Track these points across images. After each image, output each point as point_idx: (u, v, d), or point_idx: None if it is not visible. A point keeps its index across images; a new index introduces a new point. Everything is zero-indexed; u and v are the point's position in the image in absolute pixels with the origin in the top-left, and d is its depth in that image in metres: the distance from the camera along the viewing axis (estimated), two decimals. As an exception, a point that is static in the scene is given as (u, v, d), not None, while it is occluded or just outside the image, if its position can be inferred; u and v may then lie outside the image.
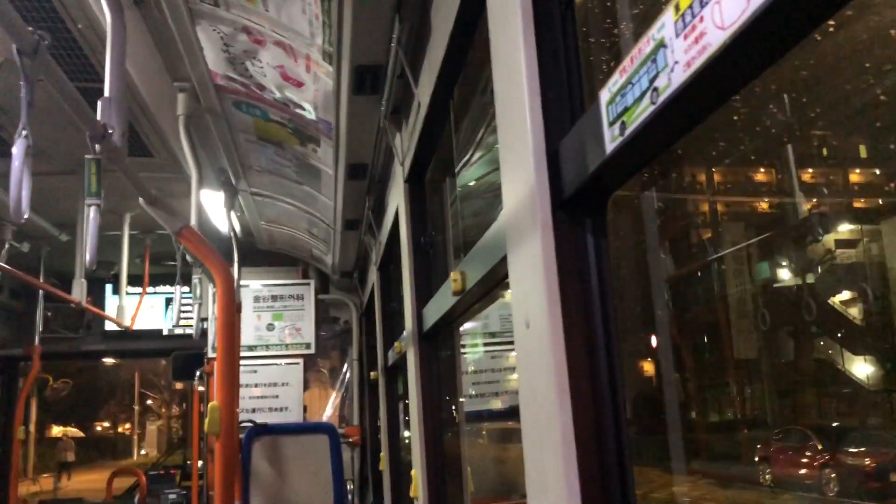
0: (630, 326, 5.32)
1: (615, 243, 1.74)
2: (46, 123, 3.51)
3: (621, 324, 1.20)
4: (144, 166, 4.13)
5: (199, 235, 3.22)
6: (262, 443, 5.28)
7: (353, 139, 3.35)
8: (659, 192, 6.83)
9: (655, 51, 0.86)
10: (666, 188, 7.59)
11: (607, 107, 0.99)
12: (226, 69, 3.26)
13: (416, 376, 2.94)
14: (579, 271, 1.16)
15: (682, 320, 8.93)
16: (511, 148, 1.34)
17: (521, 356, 1.31)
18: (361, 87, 2.81)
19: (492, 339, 3.51)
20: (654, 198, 5.78)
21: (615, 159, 0.99)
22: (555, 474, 1.13)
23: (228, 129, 3.92)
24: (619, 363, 1.14)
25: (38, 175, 4.04)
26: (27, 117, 1.62)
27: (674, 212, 8.30)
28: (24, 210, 1.60)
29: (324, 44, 2.69)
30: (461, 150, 2.61)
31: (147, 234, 5.84)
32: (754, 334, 8.44)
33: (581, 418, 1.12)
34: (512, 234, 1.35)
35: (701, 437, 9.37)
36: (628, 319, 5.13)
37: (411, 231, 3.06)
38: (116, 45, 2.21)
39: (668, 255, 7.86)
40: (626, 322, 4.83)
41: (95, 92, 2.24)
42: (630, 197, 3.83)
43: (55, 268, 6.04)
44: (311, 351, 6.82)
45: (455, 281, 2.01)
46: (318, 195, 4.67)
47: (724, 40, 0.72)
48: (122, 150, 2.14)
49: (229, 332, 3.37)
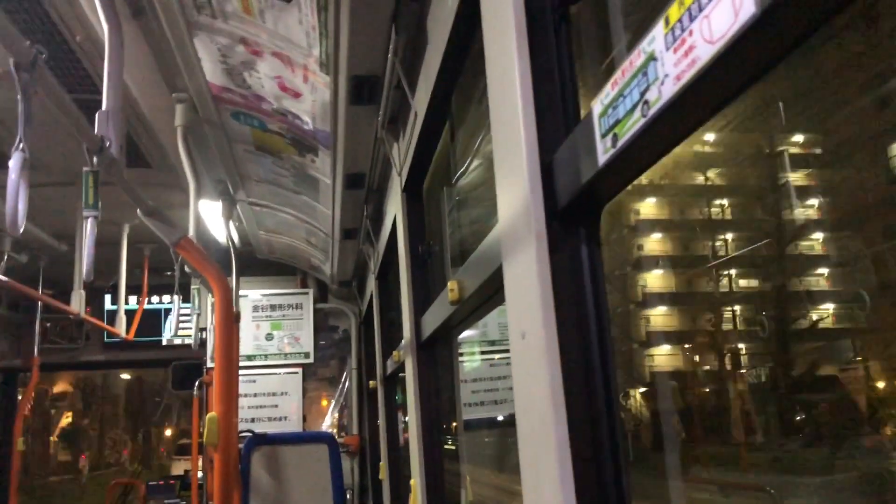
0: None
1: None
2: (44, 135, 3.52)
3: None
4: (142, 177, 4.14)
5: (197, 246, 3.23)
6: (262, 452, 5.28)
7: (350, 149, 3.36)
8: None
9: (646, 64, 0.87)
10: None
11: (599, 119, 1.00)
12: (223, 80, 3.27)
13: (414, 385, 2.94)
14: (574, 281, 1.16)
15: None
16: (506, 159, 1.34)
17: (516, 366, 1.31)
18: (358, 98, 2.83)
19: (490, 347, 3.51)
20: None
21: (608, 171, 1.00)
22: (551, 485, 1.13)
23: (226, 139, 3.93)
24: (614, 373, 1.15)
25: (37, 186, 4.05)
26: (24, 130, 1.63)
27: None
28: (20, 222, 1.61)
29: (321, 55, 2.71)
30: (458, 159, 2.62)
31: (146, 245, 5.85)
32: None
33: (577, 428, 1.12)
34: (507, 245, 1.36)
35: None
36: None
37: (409, 240, 3.07)
38: (114, 58, 2.22)
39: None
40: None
41: (93, 104, 2.25)
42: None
43: (54, 279, 6.04)
44: (310, 360, 6.81)
45: (452, 290, 2.02)
46: (317, 205, 4.68)
47: (713, 54, 0.72)
48: (120, 163, 2.14)
49: (228, 342, 3.37)
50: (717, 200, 8.16)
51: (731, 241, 8.48)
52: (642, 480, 2.91)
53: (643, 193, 11.96)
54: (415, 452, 2.92)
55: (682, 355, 11.47)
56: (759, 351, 7.17)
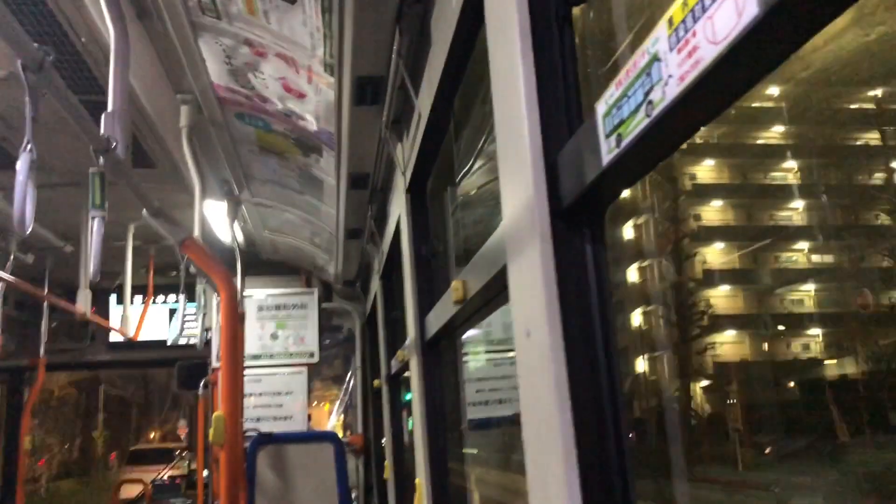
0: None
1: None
2: (51, 136, 3.54)
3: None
4: (148, 178, 4.15)
5: (202, 246, 3.24)
6: (267, 451, 5.30)
7: (354, 150, 3.37)
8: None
9: (650, 64, 0.87)
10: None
11: (604, 119, 1.01)
12: (228, 81, 3.29)
13: (419, 384, 2.95)
14: (578, 280, 1.17)
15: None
16: (510, 159, 1.35)
17: (521, 365, 1.32)
18: (362, 99, 2.83)
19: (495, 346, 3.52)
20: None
21: (612, 171, 1.00)
22: (556, 483, 1.14)
23: (231, 140, 3.95)
24: (619, 371, 1.15)
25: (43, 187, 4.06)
26: (31, 131, 1.64)
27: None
28: (28, 223, 1.62)
29: (325, 55, 2.72)
30: (461, 159, 2.62)
31: (151, 245, 5.86)
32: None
33: (582, 427, 1.13)
34: (511, 244, 1.36)
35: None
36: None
37: (413, 240, 3.08)
38: (120, 59, 2.23)
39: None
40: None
41: (99, 105, 2.26)
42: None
43: (60, 279, 6.06)
44: (315, 360, 6.82)
45: (456, 290, 2.02)
46: (321, 205, 4.69)
47: (717, 55, 0.73)
48: (126, 163, 2.16)
49: (233, 342, 3.39)
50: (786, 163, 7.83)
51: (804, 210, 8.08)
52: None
53: (699, 153, 11.37)
54: (420, 451, 2.93)
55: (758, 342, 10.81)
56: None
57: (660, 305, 14.26)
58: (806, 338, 10.99)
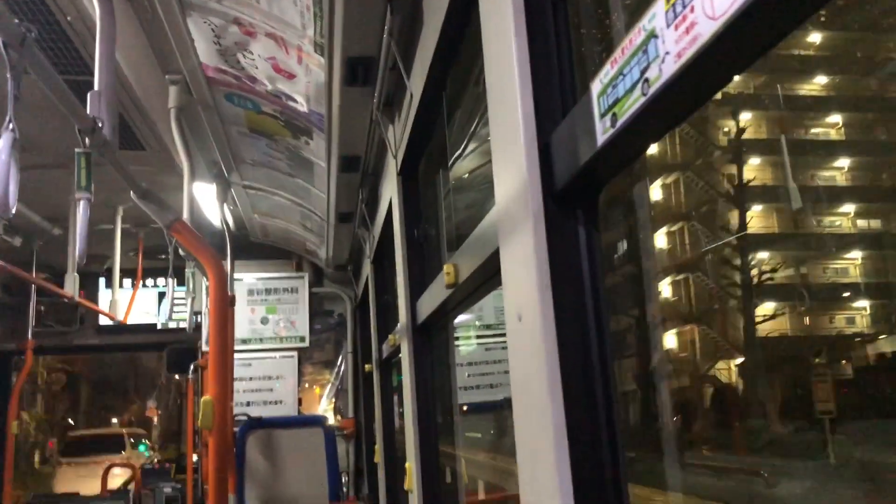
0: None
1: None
2: (36, 117, 3.48)
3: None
4: (136, 159, 4.11)
5: (191, 229, 3.21)
6: (257, 436, 5.29)
7: (345, 131, 3.34)
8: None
9: (646, 41, 0.85)
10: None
11: (598, 98, 0.99)
12: (217, 61, 3.24)
13: (410, 368, 2.94)
14: (571, 263, 1.15)
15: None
16: (503, 140, 1.33)
17: (513, 349, 1.30)
18: (353, 79, 2.80)
19: (486, 330, 3.51)
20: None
21: (606, 151, 0.98)
22: (547, 466, 1.13)
23: (220, 121, 3.90)
24: (611, 355, 1.14)
25: (30, 169, 4.03)
26: (13, 110, 1.61)
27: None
28: (11, 204, 1.59)
29: (315, 35, 2.68)
30: (454, 142, 2.60)
31: (140, 228, 5.82)
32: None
33: (573, 410, 1.12)
34: (504, 227, 1.34)
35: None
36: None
37: (404, 224, 3.05)
38: (106, 37, 2.19)
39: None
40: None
41: (85, 85, 2.23)
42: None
43: (48, 262, 6.02)
44: (306, 344, 6.81)
45: (448, 274, 2.01)
46: (311, 188, 4.66)
47: (715, 30, 0.71)
48: (113, 144, 2.12)
49: (222, 326, 3.36)
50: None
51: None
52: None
53: (739, 103, 10.53)
54: (410, 435, 2.92)
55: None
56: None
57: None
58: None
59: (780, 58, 9.39)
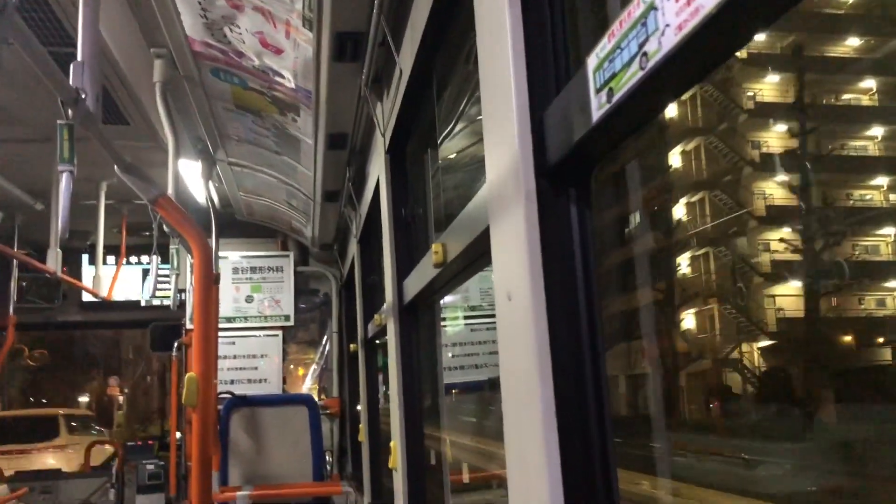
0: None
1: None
2: (18, 89, 3.42)
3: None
4: (120, 134, 4.05)
5: (175, 205, 3.17)
6: (241, 414, 5.28)
7: (332, 108, 3.30)
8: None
9: (646, 14, 0.83)
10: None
11: (594, 73, 0.97)
12: (203, 35, 3.19)
13: (395, 348, 2.93)
14: (562, 242, 1.14)
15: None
16: (495, 116, 1.31)
17: (502, 329, 1.29)
18: (342, 55, 2.76)
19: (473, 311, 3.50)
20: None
21: (601, 128, 0.97)
22: (535, 448, 1.12)
23: (206, 97, 3.85)
24: (602, 335, 1.13)
25: (11, 142, 3.96)
26: None
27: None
28: None
29: (304, 9, 2.63)
30: (443, 120, 2.57)
31: (124, 204, 5.75)
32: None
33: (563, 391, 1.11)
34: (494, 205, 1.33)
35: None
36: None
37: (392, 203, 3.03)
38: (89, 8, 2.14)
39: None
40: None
41: (68, 56, 2.17)
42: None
43: (30, 237, 5.95)
44: (291, 323, 6.79)
45: (436, 253, 1.99)
46: (298, 166, 4.61)
47: (718, 1, 0.69)
48: (96, 116, 2.08)
49: (206, 304, 3.33)
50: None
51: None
52: None
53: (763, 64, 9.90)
54: (395, 415, 2.92)
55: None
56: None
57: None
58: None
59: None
